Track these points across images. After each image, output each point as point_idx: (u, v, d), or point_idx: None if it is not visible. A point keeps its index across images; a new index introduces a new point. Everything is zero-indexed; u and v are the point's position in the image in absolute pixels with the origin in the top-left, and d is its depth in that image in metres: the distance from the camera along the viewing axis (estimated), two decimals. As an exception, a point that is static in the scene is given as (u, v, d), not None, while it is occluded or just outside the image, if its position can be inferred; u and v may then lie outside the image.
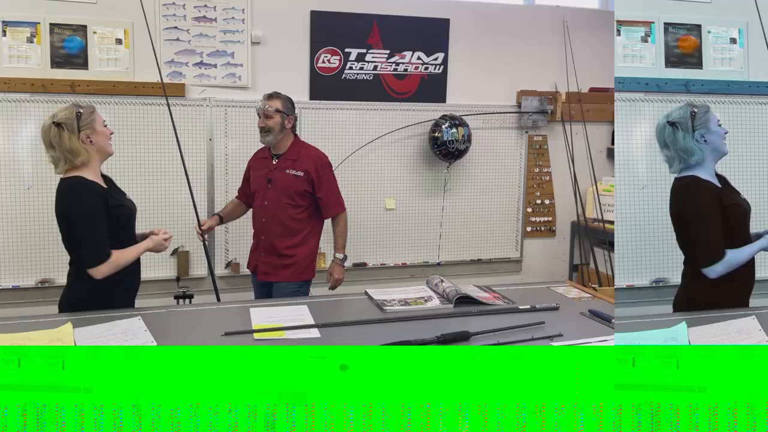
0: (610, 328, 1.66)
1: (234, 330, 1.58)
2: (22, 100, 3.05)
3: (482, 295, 1.92)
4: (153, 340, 1.48)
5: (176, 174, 3.23)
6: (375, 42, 3.56)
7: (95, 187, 1.88)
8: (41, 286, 3.13)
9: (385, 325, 1.68)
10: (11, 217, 3.08)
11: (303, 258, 2.55)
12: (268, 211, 2.53)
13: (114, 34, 3.16)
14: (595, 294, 2.07)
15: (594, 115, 3.89)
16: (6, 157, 3.06)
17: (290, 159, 2.53)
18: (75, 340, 1.47)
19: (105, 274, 1.84)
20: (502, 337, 1.53)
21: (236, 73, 3.37)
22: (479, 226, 3.88)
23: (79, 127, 1.85)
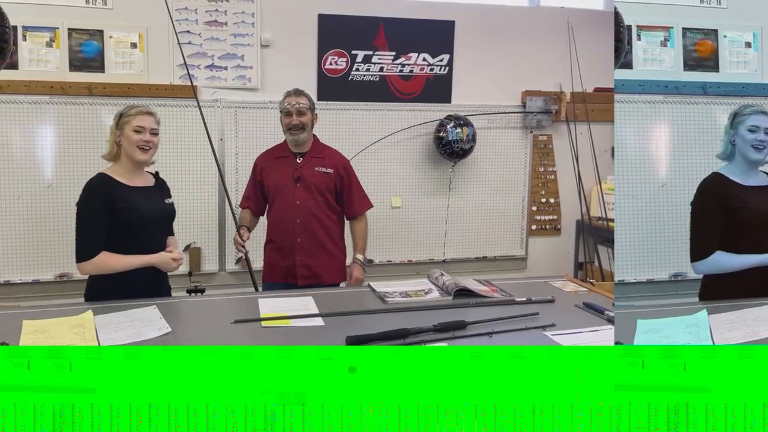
0: (603, 320, 1.72)
1: (243, 318, 1.67)
2: (42, 102, 3.17)
3: (480, 288, 1.99)
4: (167, 326, 1.57)
5: (185, 172, 3.34)
6: (381, 44, 3.64)
7: (108, 186, 1.88)
8: (59, 280, 3.25)
9: (386, 315, 1.76)
10: (31, 213, 3.20)
11: (343, 257, 2.51)
12: (304, 209, 2.39)
13: (129, 39, 3.27)
14: (592, 288, 2.13)
15: (598, 114, 3.93)
16: (26, 156, 3.18)
17: (317, 157, 2.45)
18: (95, 327, 1.57)
19: (87, 272, 1.86)
20: (497, 327, 1.60)
21: (246, 75, 3.47)
22: (484, 224, 3.94)
23: (117, 125, 1.93)
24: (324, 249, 2.44)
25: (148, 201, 1.95)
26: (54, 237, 3.22)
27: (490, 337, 1.55)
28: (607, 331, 1.63)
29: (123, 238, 1.88)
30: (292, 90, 2.48)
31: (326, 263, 2.45)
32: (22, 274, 3.23)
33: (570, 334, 1.59)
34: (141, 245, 1.91)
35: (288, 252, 2.43)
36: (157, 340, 1.50)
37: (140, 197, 1.93)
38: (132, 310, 1.71)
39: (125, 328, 1.56)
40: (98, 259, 1.85)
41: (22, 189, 3.19)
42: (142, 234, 1.92)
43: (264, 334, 1.60)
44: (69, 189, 3.21)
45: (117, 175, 1.93)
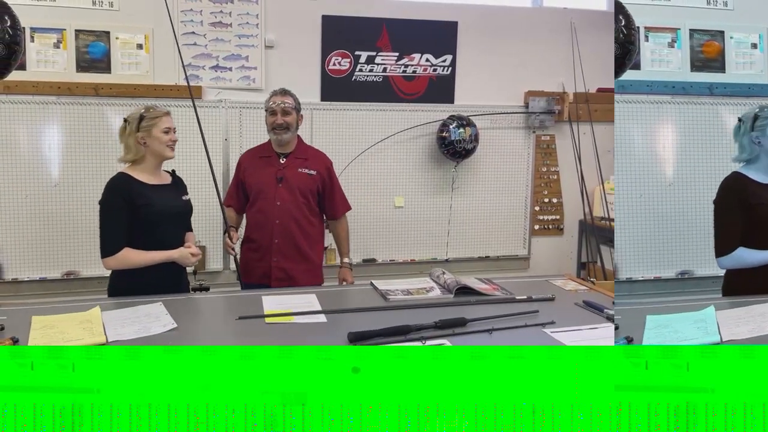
0: (602, 318, 1.74)
1: (247, 314, 1.69)
2: (49, 102, 3.22)
3: (481, 286, 2.01)
4: (173, 322, 1.60)
5: (191, 172, 3.36)
6: (384, 45, 3.67)
7: (128, 185, 1.96)
8: (66, 278, 3.29)
9: (387, 312, 1.78)
10: (39, 212, 3.24)
11: (319, 261, 2.50)
12: (284, 211, 2.39)
13: (135, 40, 3.31)
14: (592, 287, 2.15)
15: (601, 115, 3.94)
16: (34, 155, 3.22)
17: (300, 158, 2.47)
18: (103, 322, 1.60)
19: (111, 267, 1.93)
20: (497, 324, 1.62)
21: (250, 75, 3.50)
22: (487, 223, 3.96)
23: (138, 127, 1.99)
24: (300, 252, 2.42)
25: (166, 198, 2.03)
26: (61, 235, 3.26)
27: (490, 334, 1.57)
28: (606, 328, 1.65)
29: (143, 235, 1.96)
30: (278, 89, 2.49)
31: (302, 266, 2.43)
32: (29, 271, 3.27)
33: (569, 331, 1.61)
34: (160, 241, 1.98)
35: (264, 252, 2.42)
36: (163, 335, 1.53)
37: (159, 194, 2.02)
38: (138, 307, 1.74)
39: (132, 324, 1.59)
40: (121, 255, 1.92)
41: (30, 188, 3.23)
42: (162, 230, 1.99)
43: (267, 329, 1.62)
44: (76, 188, 3.25)
45: (137, 174, 2.01)
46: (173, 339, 1.52)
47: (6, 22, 1.65)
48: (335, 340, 1.51)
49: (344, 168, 3.58)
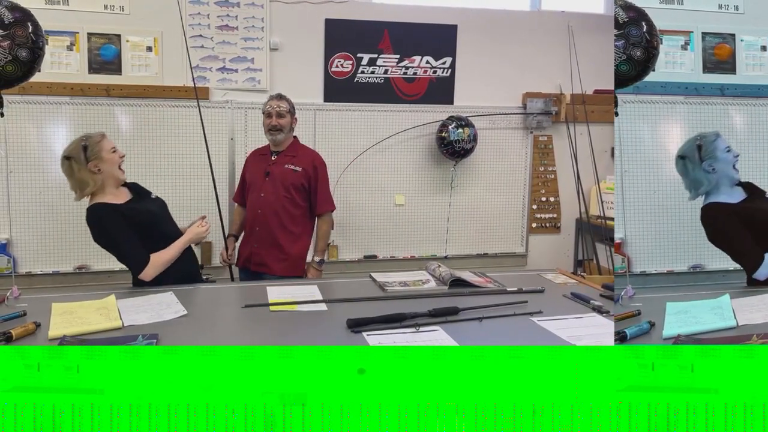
0: (588, 308, 1.83)
1: (252, 303, 1.80)
2: (62, 103, 3.34)
3: (475, 279, 2.11)
4: (184, 309, 1.71)
5: (198, 170, 3.48)
6: (386, 47, 3.77)
7: (110, 208, 1.96)
8: (78, 272, 3.42)
9: (385, 302, 1.88)
10: (53, 208, 3.36)
11: (296, 254, 2.60)
12: (265, 202, 2.57)
13: (145, 43, 3.43)
14: (582, 280, 2.25)
15: (598, 116, 4.02)
16: (47, 153, 3.33)
17: (289, 155, 2.64)
18: (119, 309, 1.71)
19: (152, 275, 1.98)
20: (486, 313, 1.72)
21: (256, 77, 3.61)
22: (485, 221, 4.05)
23: (86, 158, 1.93)
24: (276, 243, 2.56)
25: (142, 204, 2.07)
26: (73, 231, 3.37)
27: (480, 322, 1.67)
28: (592, 317, 1.74)
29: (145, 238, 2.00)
30: (275, 94, 2.69)
31: (277, 256, 2.57)
32: (43, 265, 3.39)
33: (555, 320, 1.70)
34: (163, 240, 2.06)
35: (247, 238, 2.66)
36: (174, 321, 1.64)
37: (138, 201, 2.07)
38: (151, 295, 1.85)
39: (146, 311, 1.70)
40: (153, 261, 1.99)
41: (44, 185, 3.34)
42: (158, 231, 2.06)
43: (272, 317, 1.73)
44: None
45: (108, 199, 2.00)
46: (184, 324, 1.63)
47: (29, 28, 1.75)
48: (335, 326, 1.61)
49: (346, 167, 3.68)
